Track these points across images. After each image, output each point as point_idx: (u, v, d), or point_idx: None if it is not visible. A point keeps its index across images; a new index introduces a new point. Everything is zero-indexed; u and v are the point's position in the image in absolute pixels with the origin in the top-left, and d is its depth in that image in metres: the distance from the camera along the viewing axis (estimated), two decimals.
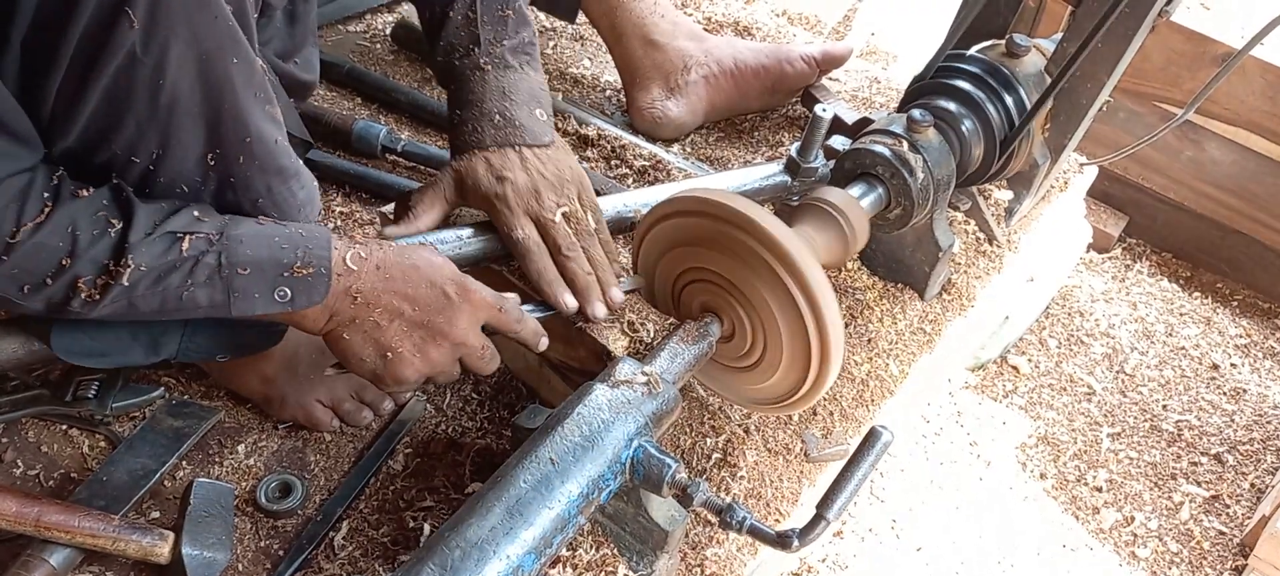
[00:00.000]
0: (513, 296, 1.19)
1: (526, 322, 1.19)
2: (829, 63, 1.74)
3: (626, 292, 1.29)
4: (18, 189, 0.91)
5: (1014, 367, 1.81)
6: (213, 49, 0.93)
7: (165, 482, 1.30)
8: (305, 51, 1.25)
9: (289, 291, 1.03)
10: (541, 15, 1.97)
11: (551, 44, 1.98)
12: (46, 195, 0.93)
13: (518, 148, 1.28)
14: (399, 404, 1.42)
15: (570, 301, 1.24)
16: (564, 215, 1.26)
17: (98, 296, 0.95)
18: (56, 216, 0.93)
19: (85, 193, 0.96)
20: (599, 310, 1.25)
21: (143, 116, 0.93)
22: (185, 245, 0.98)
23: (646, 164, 1.63)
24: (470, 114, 1.31)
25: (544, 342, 1.21)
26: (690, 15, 2.00)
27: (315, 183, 1.14)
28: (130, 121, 0.94)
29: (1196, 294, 2.05)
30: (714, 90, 1.72)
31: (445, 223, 1.32)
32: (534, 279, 1.24)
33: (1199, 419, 1.77)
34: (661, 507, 1.12)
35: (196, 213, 1.00)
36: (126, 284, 0.95)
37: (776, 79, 1.73)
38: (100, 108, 0.92)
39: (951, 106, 1.37)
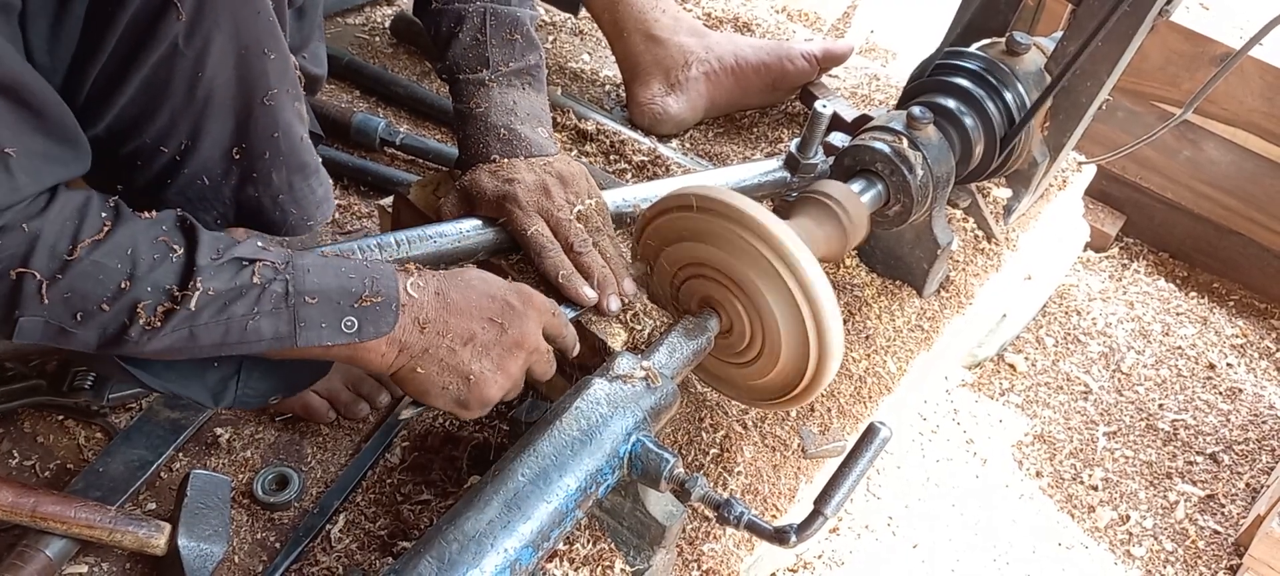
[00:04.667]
0: (553, 302, 1.19)
1: (570, 327, 1.19)
2: (829, 60, 1.74)
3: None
4: (76, 205, 0.87)
5: (1011, 366, 1.82)
6: (252, 43, 0.91)
7: (162, 474, 1.30)
8: (313, 46, 1.24)
9: (356, 321, 0.99)
10: (542, 9, 1.97)
11: (551, 38, 1.98)
12: (105, 215, 0.88)
13: (523, 156, 1.29)
14: (396, 398, 1.42)
15: (590, 295, 1.23)
16: (577, 214, 1.26)
17: (158, 324, 0.90)
18: (117, 235, 0.88)
19: (147, 215, 0.92)
20: (614, 304, 1.25)
21: (177, 108, 0.91)
22: (254, 272, 0.94)
23: (645, 159, 1.63)
24: (475, 128, 1.31)
25: (577, 348, 1.20)
26: (689, 10, 2.00)
27: (330, 180, 1.13)
28: (164, 112, 0.91)
29: (1193, 293, 2.05)
30: (715, 87, 1.72)
31: None
32: (551, 275, 1.24)
33: (1195, 418, 1.77)
34: (659, 502, 1.12)
35: (260, 243, 0.97)
36: (192, 309, 0.90)
37: (777, 76, 1.72)
38: (136, 98, 0.90)
39: (951, 104, 1.37)
